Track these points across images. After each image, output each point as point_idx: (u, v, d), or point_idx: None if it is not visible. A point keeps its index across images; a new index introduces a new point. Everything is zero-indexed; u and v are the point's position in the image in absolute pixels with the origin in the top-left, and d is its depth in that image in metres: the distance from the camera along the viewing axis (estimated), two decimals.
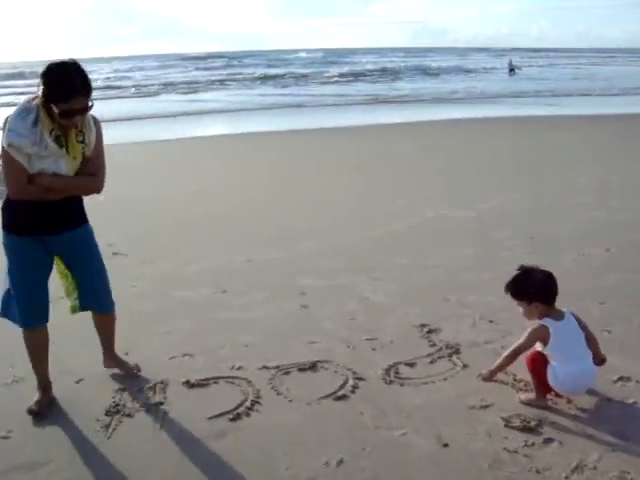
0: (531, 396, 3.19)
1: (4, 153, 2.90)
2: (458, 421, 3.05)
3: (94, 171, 3.11)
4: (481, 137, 13.66)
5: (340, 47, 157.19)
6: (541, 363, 3.14)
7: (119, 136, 13.15)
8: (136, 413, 3.17)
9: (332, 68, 45.76)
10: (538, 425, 2.97)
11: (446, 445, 2.87)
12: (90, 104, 2.92)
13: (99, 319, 3.50)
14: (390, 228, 6.70)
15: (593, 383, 3.21)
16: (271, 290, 4.93)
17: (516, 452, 2.80)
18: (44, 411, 3.19)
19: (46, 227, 3.09)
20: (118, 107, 20.59)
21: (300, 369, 3.60)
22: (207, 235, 6.69)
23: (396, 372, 3.53)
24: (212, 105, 23.13)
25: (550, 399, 3.18)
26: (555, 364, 3.10)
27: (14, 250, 3.12)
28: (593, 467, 2.68)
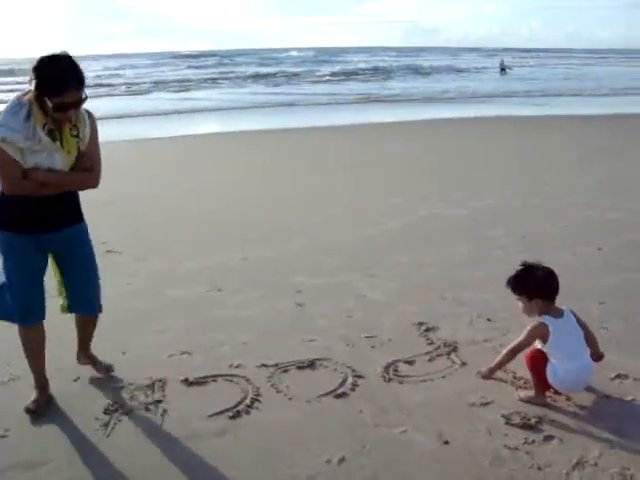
0: (530, 394, 3.20)
1: None
2: (458, 419, 3.05)
3: (90, 166, 3.08)
4: (473, 136, 13.69)
5: (332, 46, 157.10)
6: (540, 361, 3.15)
7: (110, 134, 13.00)
8: (135, 411, 3.15)
9: (324, 67, 45.79)
10: (538, 422, 2.98)
11: (447, 442, 2.87)
12: (84, 97, 2.88)
13: (83, 318, 3.44)
14: (384, 227, 6.70)
15: (591, 380, 3.23)
16: (266, 288, 4.92)
17: (517, 449, 2.80)
18: (42, 410, 3.15)
19: (43, 224, 3.05)
20: (109, 105, 20.45)
21: (299, 367, 3.58)
22: (199, 233, 6.66)
23: (395, 370, 3.53)
24: (204, 103, 23.09)
25: (549, 396, 3.19)
26: (554, 362, 3.11)
27: (10, 247, 3.08)
28: (594, 463, 2.69)
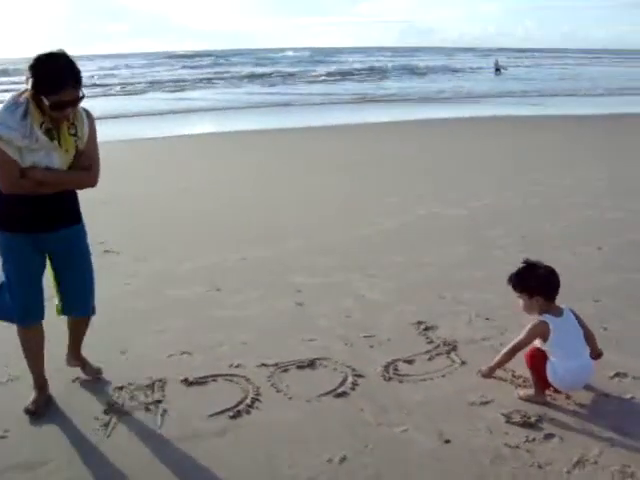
0: (530, 392, 3.20)
1: None
2: (458, 417, 3.06)
3: (88, 165, 3.07)
4: (468, 136, 13.72)
5: (327, 46, 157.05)
6: (540, 359, 3.16)
7: (105, 134, 12.94)
8: (135, 411, 3.14)
9: (319, 67, 45.77)
10: (538, 421, 2.99)
11: (447, 441, 2.87)
12: (81, 95, 2.87)
13: (76, 319, 3.40)
14: (381, 227, 6.70)
15: (590, 379, 3.24)
16: (265, 288, 4.91)
17: (517, 447, 2.81)
18: (41, 410, 3.14)
19: (41, 223, 3.04)
20: (104, 105, 20.39)
21: (299, 366, 3.58)
22: (195, 233, 6.64)
23: (395, 369, 3.53)
24: (199, 103, 23.07)
25: (549, 395, 3.20)
26: (554, 360, 3.12)
27: (8, 248, 3.06)
28: (594, 462, 2.70)
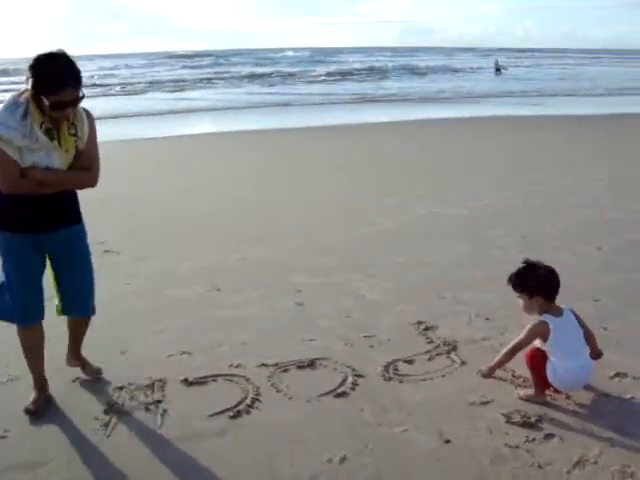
0: (530, 392, 3.20)
1: None
2: (458, 417, 3.06)
3: (88, 165, 3.07)
4: (468, 136, 13.71)
5: (327, 46, 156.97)
6: (540, 359, 3.16)
7: (105, 134, 12.95)
8: (135, 411, 3.14)
9: (319, 67, 45.76)
10: (538, 421, 2.99)
11: (448, 441, 2.87)
12: (81, 95, 2.87)
13: (76, 319, 3.40)
14: (381, 226, 6.70)
15: (590, 379, 3.24)
16: (265, 288, 4.91)
17: (517, 447, 2.81)
18: (41, 410, 3.14)
19: (41, 223, 3.04)
20: (104, 105, 20.39)
21: (299, 366, 3.58)
22: (195, 233, 6.64)
23: (395, 369, 3.53)
24: (199, 103, 23.06)
25: (549, 395, 3.20)
26: (554, 360, 3.12)
27: (8, 248, 3.06)
28: (594, 462, 2.70)
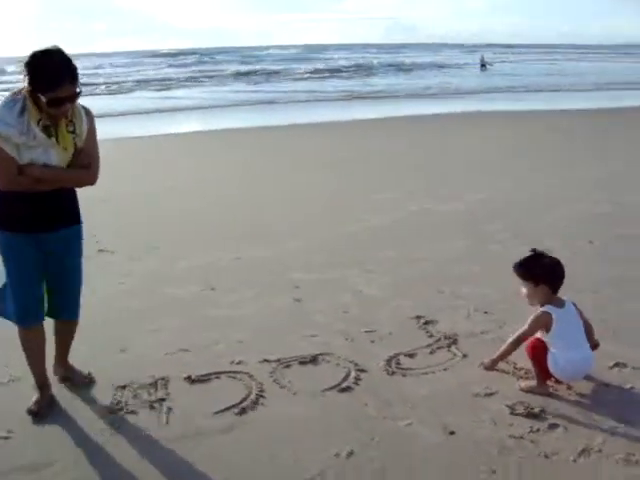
0: (532, 383, 3.23)
1: None
2: (462, 410, 3.08)
3: (87, 163, 3.05)
4: (457, 132, 13.77)
5: (312, 43, 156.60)
6: (541, 350, 3.19)
7: None
8: (140, 410, 3.12)
9: (304, 64, 45.67)
10: (542, 411, 3.02)
11: (452, 433, 2.89)
12: (78, 91, 2.86)
13: (64, 324, 3.33)
14: (367, 223, 6.68)
15: (591, 369, 3.27)
16: (260, 287, 4.89)
17: (522, 438, 2.83)
18: (44, 411, 3.11)
19: (41, 223, 3.01)
20: (90, 104, 19.99)
21: (301, 362, 3.58)
22: (182, 232, 6.61)
23: (397, 363, 3.55)
24: (185, 102, 22.97)
25: (551, 386, 3.23)
26: (555, 351, 3.15)
27: (9, 247, 3.04)
28: (598, 450, 2.73)
